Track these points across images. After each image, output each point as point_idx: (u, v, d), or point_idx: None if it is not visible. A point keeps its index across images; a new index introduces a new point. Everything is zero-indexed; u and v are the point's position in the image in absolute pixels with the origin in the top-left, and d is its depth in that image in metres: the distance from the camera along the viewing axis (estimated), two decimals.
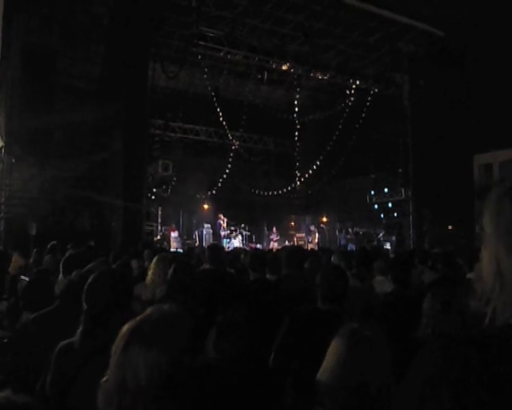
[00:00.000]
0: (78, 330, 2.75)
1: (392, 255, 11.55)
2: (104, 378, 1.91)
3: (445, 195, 18.79)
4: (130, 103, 16.67)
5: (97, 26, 17.06)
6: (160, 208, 23.49)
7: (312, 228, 25.94)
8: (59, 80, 16.80)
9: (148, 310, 2.08)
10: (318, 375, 2.19)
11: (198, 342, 2.25)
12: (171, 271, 4.79)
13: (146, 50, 17.90)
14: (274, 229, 25.57)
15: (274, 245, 23.93)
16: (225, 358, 2.99)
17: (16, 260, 9.20)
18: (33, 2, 16.36)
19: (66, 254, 6.17)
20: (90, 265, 5.14)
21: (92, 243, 12.43)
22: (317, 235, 25.51)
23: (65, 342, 2.76)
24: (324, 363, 2.21)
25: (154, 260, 5.45)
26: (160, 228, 23.29)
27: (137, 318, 2.00)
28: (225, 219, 24.19)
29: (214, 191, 25.12)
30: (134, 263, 7.34)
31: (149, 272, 5.38)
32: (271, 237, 25.35)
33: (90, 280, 2.91)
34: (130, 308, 2.94)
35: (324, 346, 2.25)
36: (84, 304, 2.81)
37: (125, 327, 1.96)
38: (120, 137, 17.06)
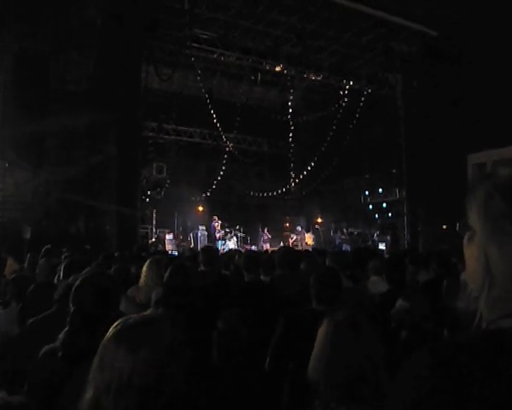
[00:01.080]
0: (63, 332, 2.73)
1: (386, 255, 11.56)
2: (88, 386, 1.90)
3: (439, 194, 18.82)
4: (124, 106, 16.64)
5: (90, 30, 17.02)
6: (154, 211, 23.47)
7: (299, 229, 25.85)
8: (52, 84, 16.76)
9: (138, 315, 2.08)
10: (309, 367, 2.23)
11: (195, 345, 2.24)
12: (167, 273, 4.78)
13: (139, 53, 17.89)
14: (265, 230, 25.58)
15: (266, 246, 23.94)
16: (226, 361, 2.99)
17: (11, 264, 9.16)
18: (25, 5, 16.31)
19: (67, 261, 6.14)
20: (88, 269, 5.12)
21: (88, 247, 12.40)
22: (305, 236, 25.42)
23: (49, 346, 2.74)
24: (312, 355, 2.24)
25: (147, 263, 5.42)
26: (154, 230, 23.27)
27: (121, 320, 1.99)
28: (220, 221, 24.17)
29: (209, 193, 25.11)
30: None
31: (142, 275, 5.35)
32: (263, 237, 25.36)
33: (77, 282, 2.89)
34: (118, 311, 2.93)
35: None
36: (71, 306, 2.79)
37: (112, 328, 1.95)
38: (114, 141, 17.03)
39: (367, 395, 2.05)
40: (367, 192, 25.93)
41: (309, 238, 25.42)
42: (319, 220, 27.31)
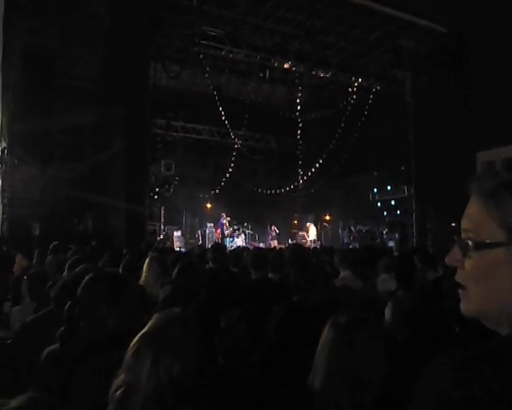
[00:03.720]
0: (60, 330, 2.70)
1: (395, 253, 11.52)
2: (114, 383, 1.90)
3: (447, 192, 18.70)
4: (132, 104, 16.65)
5: (97, 26, 17.03)
6: (162, 208, 23.47)
7: (308, 224, 25.80)
8: (59, 81, 16.80)
9: (159, 314, 2.08)
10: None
11: (205, 344, 2.24)
12: (175, 271, 4.77)
13: (147, 50, 17.89)
14: (273, 227, 25.54)
15: (273, 243, 23.93)
16: (230, 362, 2.97)
17: (20, 261, 9.18)
18: (32, 2, 16.33)
19: (72, 258, 6.14)
20: (82, 266, 5.11)
21: (94, 244, 12.42)
22: (311, 231, 25.37)
23: (53, 347, 2.71)
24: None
25: (147, 262, 5.42)
26: (162, 228, 23.29)
27: (149, 322, 2.00)
28: (228, 218, 24.19)
29: (217, 190, 25.10)
30: None
31: (143, 274, 5.35)
32: (271, 234, 25.34)
33: (83, 283, 2.84)
34: (124, 310, 2.90)
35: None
36: (77, 307, 2.75)
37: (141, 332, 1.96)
38: (122, 138, 17.06)
39: (367, 402, 2.03)
40: (375, 189, 25.85)
41: (312, 232, 25.33)
42: (327, 218, 27.27)
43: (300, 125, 25.72)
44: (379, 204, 25.80)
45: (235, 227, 24.37)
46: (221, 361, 3.01)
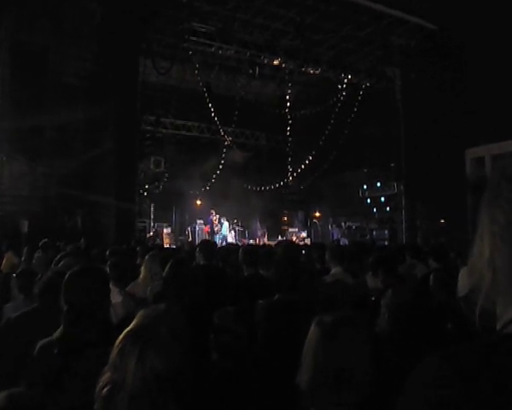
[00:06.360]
0: (59, 330, 2.69)
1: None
2: (100, 381, 1.89)
3: (437, 189, 18.84)
4: (122, 100, 16.59)
5: (88, 23, 16.95)
6: (152, 205, 23.44)
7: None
8: (49, 77, 16.71)
9: (144, 311, 2.07)
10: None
11: (196, 340, 2.23)
12: (167, 267, 4.77)
13: (137, 46, 17.82)
14: (258, 224, 25.52)
15: (263, 240, 23.89)
16: (226, 359, 2.97)
17: (9, 258, 9.15)
18: None
19: (59, 254, 6.12)
20: (64, 261, 5.11)
21: (82, 241, 12.37)
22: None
23: (45, 340, 2.71)
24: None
25: (146, 259, 5.46)
26: (152, 224, 23.26)
27: (134, 320, 1.99)
28: (217, 215, 24.14)
29: (207, 187, 25.06)
30: None
31: (142, 271, 5.39)
32: (258, 232, 25.31)
33: (66, 279, 2.82)
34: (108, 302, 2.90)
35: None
36: (64, 304, 2.73)
37: (126, 330, 1.95)
38: (111, 134, 16.99)
39: (353, 401, 2.03)
40: (365, 186, 25.88)
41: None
42: (317, 214, 27.31)
43: (290, 121, 25.73)
44: (368, 201, 25.83)
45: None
46: (215, 358, 3.01)
